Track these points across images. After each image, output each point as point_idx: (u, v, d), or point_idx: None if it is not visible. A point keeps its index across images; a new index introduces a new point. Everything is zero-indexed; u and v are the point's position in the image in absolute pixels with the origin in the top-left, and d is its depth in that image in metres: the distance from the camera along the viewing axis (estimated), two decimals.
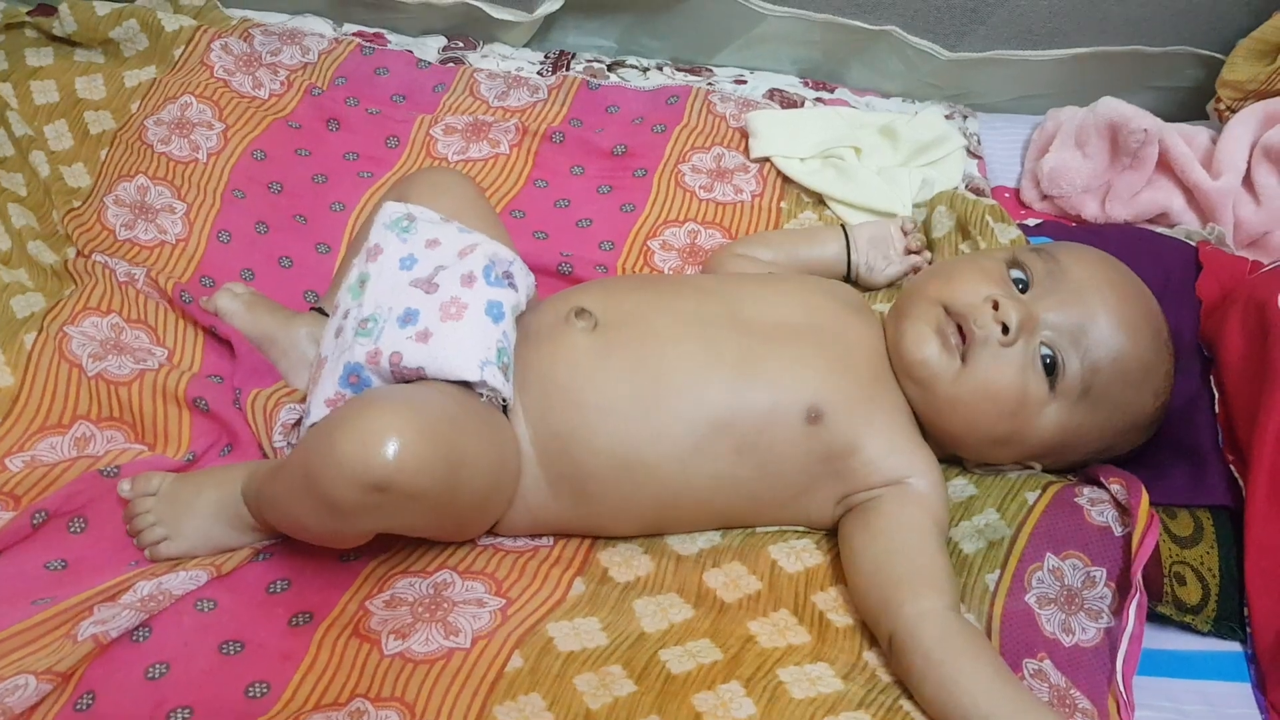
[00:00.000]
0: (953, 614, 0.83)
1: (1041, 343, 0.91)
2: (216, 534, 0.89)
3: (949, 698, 0.78)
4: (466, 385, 0.88)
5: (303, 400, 0.99)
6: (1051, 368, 0.91)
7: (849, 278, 1.16)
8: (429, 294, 0.90)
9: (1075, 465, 0.98)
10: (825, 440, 0.90)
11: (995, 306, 0.91)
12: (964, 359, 0.92)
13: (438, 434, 0.78)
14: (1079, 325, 0.91)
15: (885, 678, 0.83)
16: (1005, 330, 0.91)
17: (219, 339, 1.06)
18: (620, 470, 0.89)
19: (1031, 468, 0.97)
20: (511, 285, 0.93)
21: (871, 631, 0.86)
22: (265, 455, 0.97)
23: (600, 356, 0.91)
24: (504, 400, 0.89)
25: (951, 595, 0.85)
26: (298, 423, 0.98)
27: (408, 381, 0.89)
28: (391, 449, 0.75)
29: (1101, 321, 0.91)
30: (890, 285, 1.16)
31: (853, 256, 1.15)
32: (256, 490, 0.87)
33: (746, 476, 0.91)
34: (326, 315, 1.04)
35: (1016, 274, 0.95)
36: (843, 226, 1.19)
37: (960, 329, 0.93)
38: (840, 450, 0.91)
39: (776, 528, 0.95)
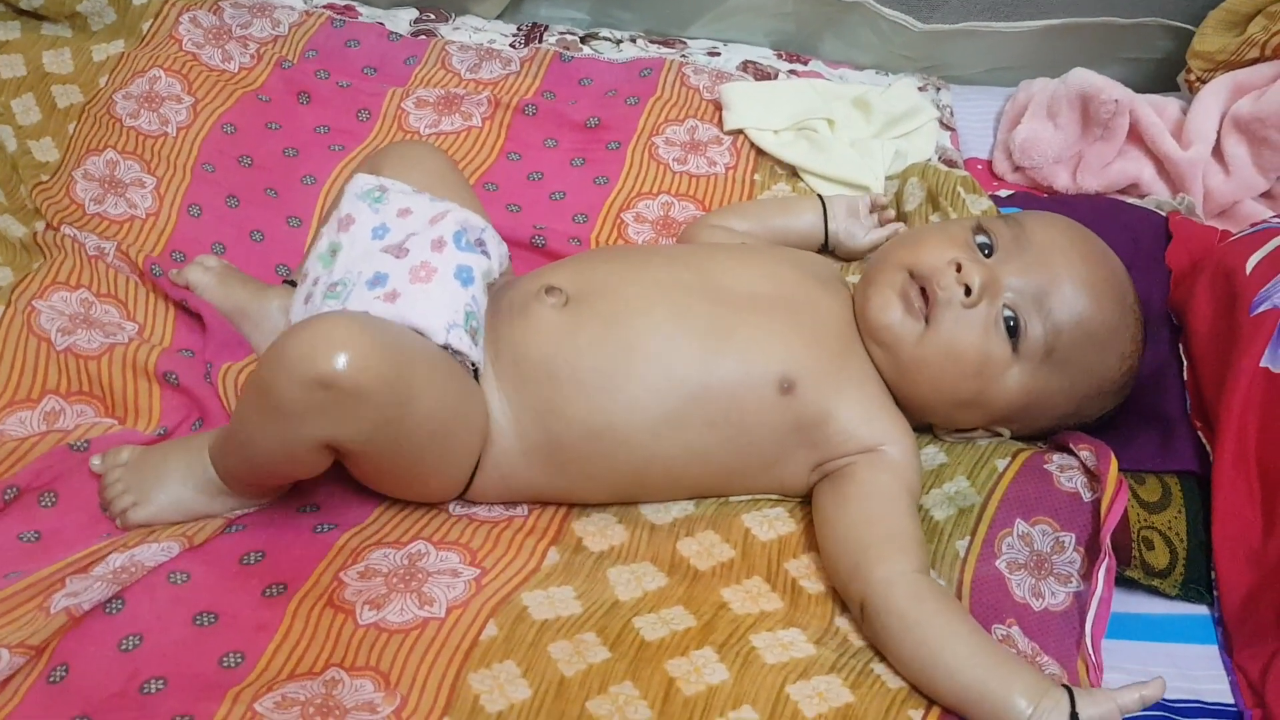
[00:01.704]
0: (922, 576, 0.84)
1: (1004, 305, 0.92)
2: (185, 499, 0.89)
3: (927, 657, 0.79)
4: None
5: None
6: (1014, 330, 0.92)
7: (826, 247, 1.16)
8: (399, 259, 0.90)
9: (1045, 431, 0.99)
10: (797, 410, 0.91)
11: (959, 269, 0.92)
12: (927, 321, 0.93)
13: (387, 346, 0.80)
14: (1042, 288, 0.92)
15: (857, 642, 0.84)
16: (968, 292, 0.91)
17: (190, 313, 1.05)
18: (593, 440, 0.89)
19: (1000, 434, 0.97)
20: (484, 252, 0.93)
21: (842, 598, 0.87)
22: None
23: (570, 331, 0.91)
24: (473, 364, 0.90)
25: (921, 559, 0.86)
26: None
27: None
28: (337, 346, 0.77)
29: (1065, 285, 0.92)
30: (869, 253, 1.17)
31: (830, 225, 1.16)
32: (219, 442, 0.87)
33: (719, 446, 0.91)
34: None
35: (982, 239, 0.95)
36: (820, 196, 1.19)
37: (924, 292, 0.93)
38: (813, 419, 0.91)
39: (750, 497, 0.95)
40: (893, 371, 0.95)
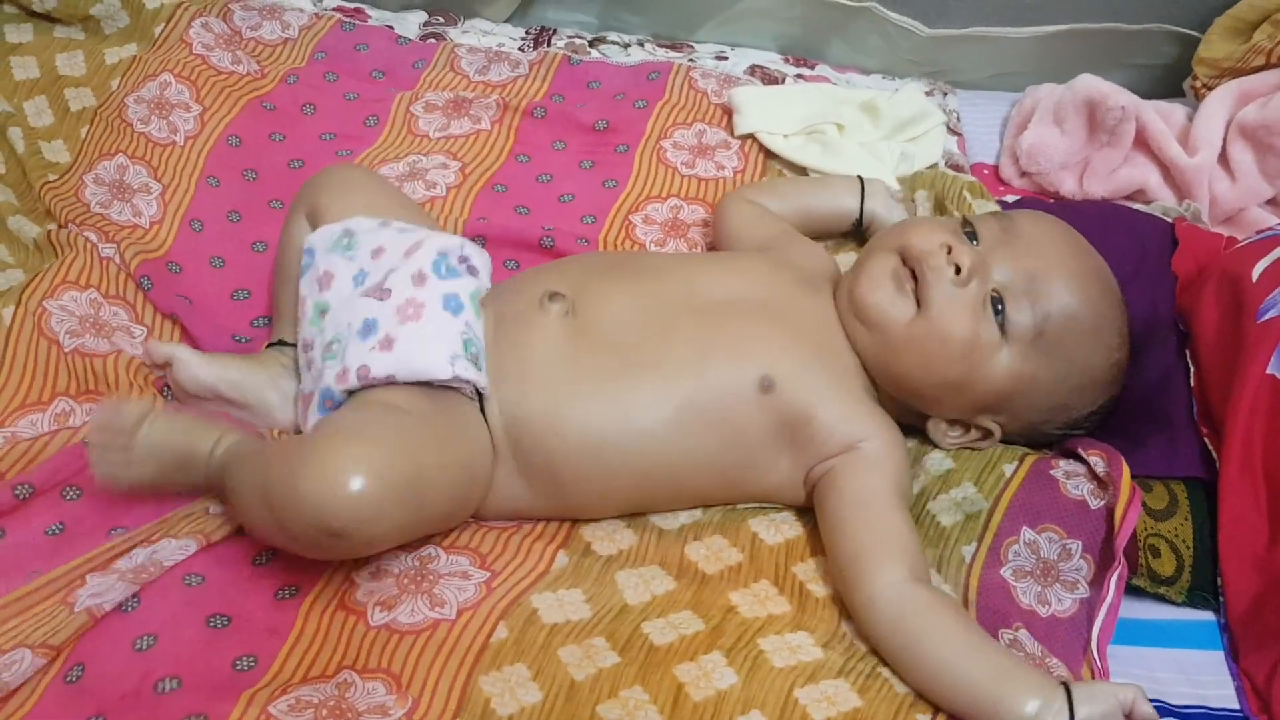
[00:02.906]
0: (908, 586, 0.84)
1: (993, 289, 0.93)
2: (173, 478, 0.89)
3: (923, 675, 0.80)
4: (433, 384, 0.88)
5: None
6: (1002, 311, 0.93)
7: (860, 227, 1.17)
8: (383, 300, 0.90)
9: (1034, 427, 0.98)
10: (779, 409, 0.91)
11: (949, 252, 0.93)
12: (918, 301, 0.94)
13: (400, 473, 0.78)
14: (1029, 274, 0.93)
15: (864, 646, 0.84)
16: (958, 271, 0.93)
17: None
18: (592, 455, 0.90)
19: (989, 431, 0.97)
20: (469, 269, 0.94)
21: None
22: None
23: (571, 341, 0.92)
24: (479, 390, 0.90)
25: (912, 562, 0.86)
26: None
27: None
28: (350, 498, 0.75)
29: (1052, 273, 0.94)
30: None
31: (868, 204, 1.16)
32: (224, 474, 0.87)
33: (713, 452, 0.92)
34: (286, 344, 1.01)
35: (968, 230, 0.97)
36: (859, 177, 1.19)
37: (914, 275, 0.95)
38: (795, 418, 0.92)
39: (755, 505, 0.96)
40: (880, 353, 0.95)
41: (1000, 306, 0.93)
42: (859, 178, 1.19)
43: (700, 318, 0.94)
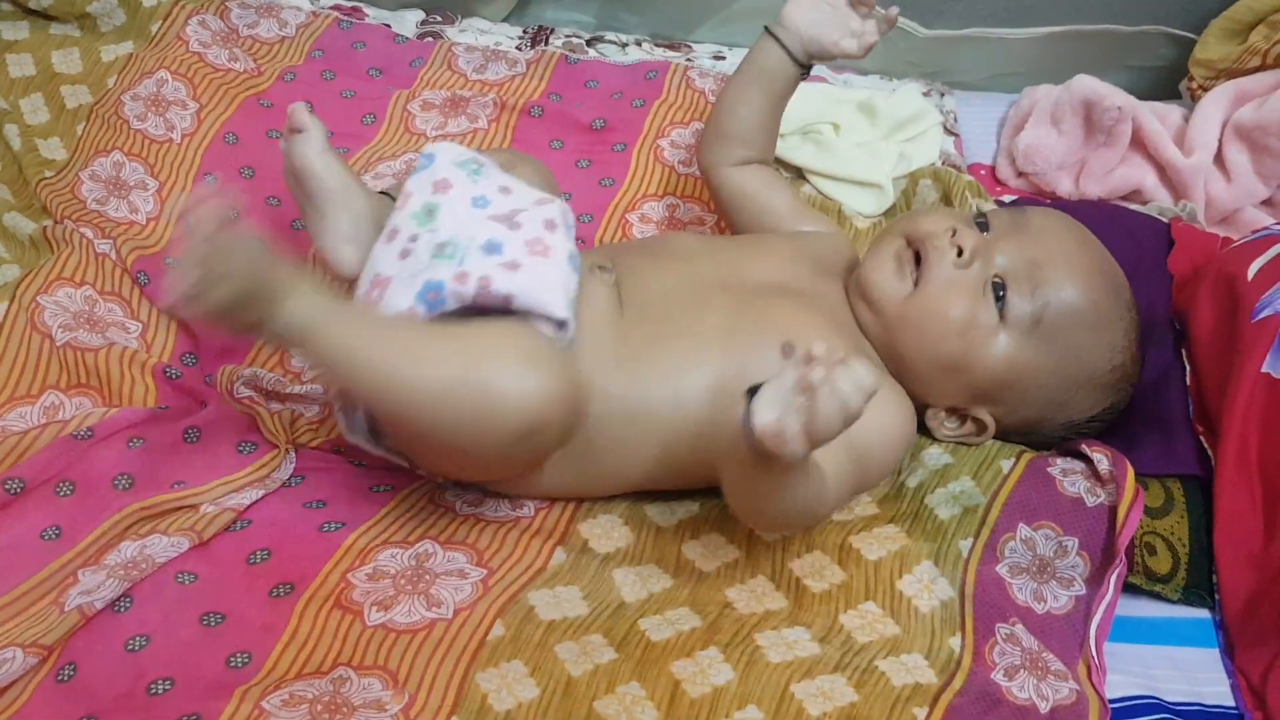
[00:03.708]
0: None
1: (995, 273, 0.93)
2: (237, 314, 0.78)
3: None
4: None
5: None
6: (1002, 297, 0.93)
7: (807, 68, 1.09)
8: (512, 230, 0.89)
9: (1033, 425, 0.98)
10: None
11: (954, 235, 0.94)
12: (917, 282, 0.95)
13: (560, 367, 0.83)
14: (1034, 261, 0.94)
15: (861, 640, 0.84)
16: (960, 254, 0.94)
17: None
18: (629, 419, 0.90)
19: (984, 424, 0.97)
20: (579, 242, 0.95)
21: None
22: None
23: (618, 308, 0.94)
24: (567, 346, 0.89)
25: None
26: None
27: (484, 311, 0.86)
28: (533, 393, 0.79)
29: (1057, 261, 0.94)
30: (864, 54, 1.08)
31: (784, 40, 1.07)
32: (374, 352, 0.80)
33: (732, 425, 0.91)
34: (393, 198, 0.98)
35: (980, 221, 0.98)
36: (766, 27, 1.09)
37: (917, 257, 0.96)
38: None
39: None
40: (880, 334, 0.96)
41: (1001, 292, 0.93)
42: (766, 27, 1.09)
43: (730, 295, 0.96)
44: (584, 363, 0.89)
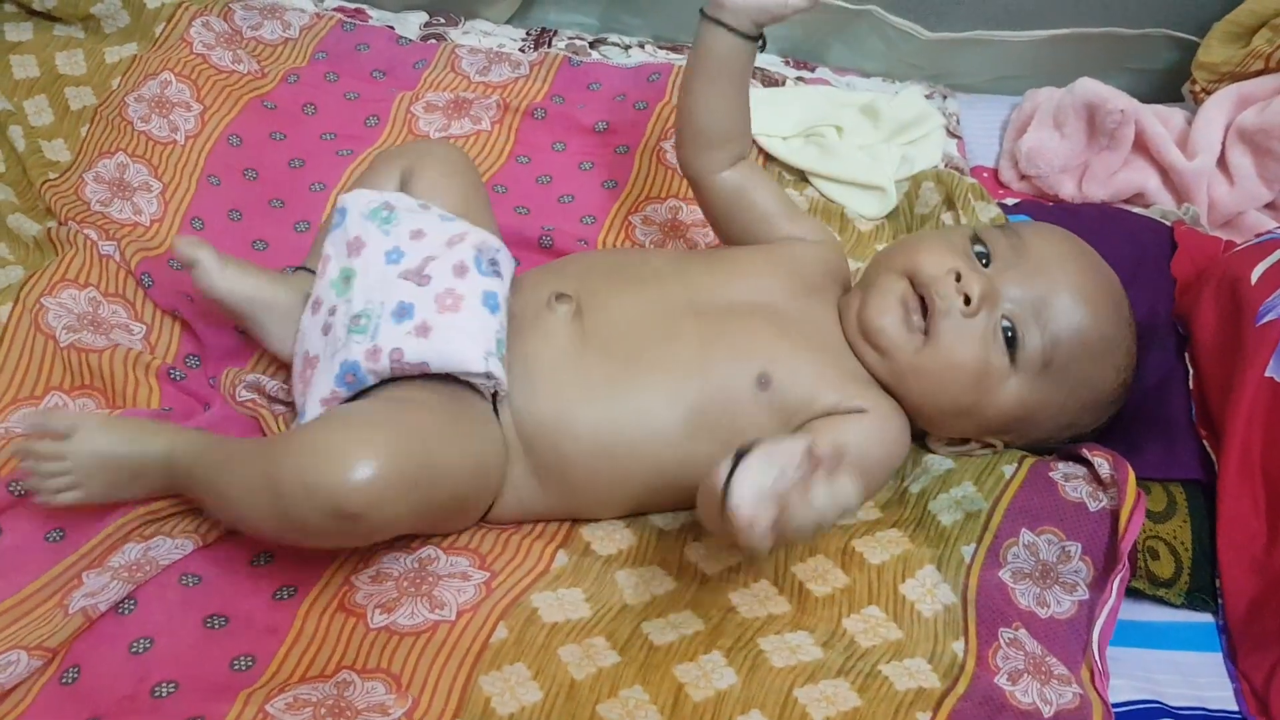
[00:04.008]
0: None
1: (1003, 315, 0.92)
2: (127, 491, 0.87)
3: None
4: (453, 380, 0.88)
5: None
6: (1012, 341, 0.92)
7: (760, 38, 1.02)
8: (421, 286, 0.89)
9: (1039, 442, 0.99)
10: (778, 405, 0.91)
11: (958, 279, 0.92)
12: (926, 331, 0.93)
13: (411, 457, 0.78)
14: (1040, 298, 0.93)
15: (864, 645, 0.84)
16: (967, 301, 0.92)
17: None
18: (605, 456, 0.90)
19: (993, 445, 0.97)
20: (497, 273, 0.93)
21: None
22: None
23: (579, 343, 0.92)
24: (500, 391, 0.89)
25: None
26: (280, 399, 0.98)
27: (407, 378, 0.88)
28: (363, 478, 0.74)
29: (1063, 295, 0.93)
30: (812, 4, 1.00)
31: (727, 20, 0.99)
32: (202, 474, 0.85)
33: (714, 453, 0.90)
34: (312, 272, 1.00)
35: (979, 249, 0.96)
36: (702, 11, 1.01)
37: (923, 301, 0.94)
38: (795, 407, 0.91)
39: None
40: (889, 378, 0.95)
41: (1010, 334, 0.92)
42: (701, 14, 1.01)
43: (701, 320, 0.94)
44: (541, 404, 0.89)
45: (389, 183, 1.03)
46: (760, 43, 1.02)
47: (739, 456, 0.71)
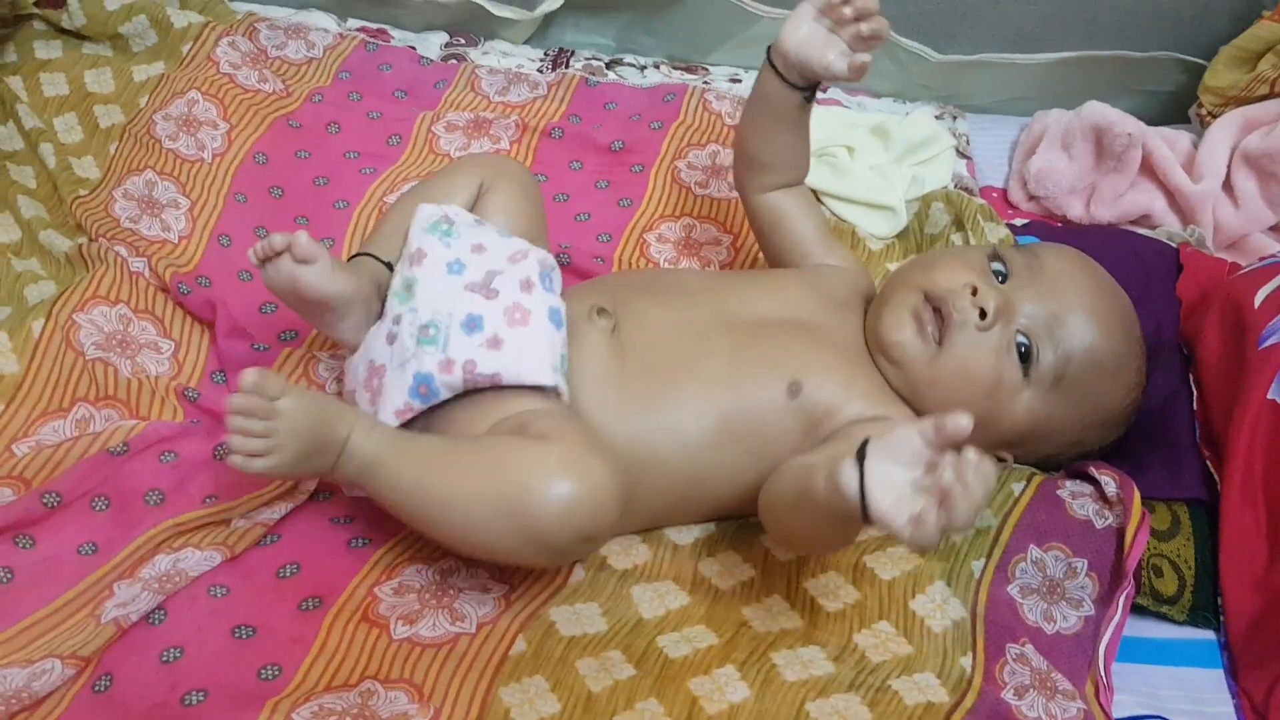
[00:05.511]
0: None
1: (1017, 330, 0.94)
2: (307, 465, 0.84)
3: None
4: (517, 394, 0.88)
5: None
6: (1026, 355, 0.93)
7: (809, 90, 1.03)
8: (489, 300, 0.90)
9: (1049, 459, 1.00)
10: (807, 409, 0.92)
11: (974, 293, 0.94)
12: (940, 342, 0.94)
13: (619, 475, 0.81)
14: (1054, 315, 0.94)
15: (875, 660, 0.85)
16: (983, 315, 0.93)
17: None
18: (639, 467, 0.90)
19: (1003, 459, 0.98)
20: (558, 291, 0.94)
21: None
22: None
23: (619, 357, 0.94)
24: (564, 402, 0.90)
25: None
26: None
27: (478, 389, 0.88)
28: (608, 509, 0.79)
29: (1076, 314, 0.94)
30: (857, 75, 0.98)
31: (777, 65, 1.01)
32: (394, 472, 0.83)
33: (743, 464, 0.93)
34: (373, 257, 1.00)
35: (997, 266, 0.97)
36: (768, 50, 1.03)
37: (939, 314, 0.95)
38: (822, 414, 0.92)
39: None
40: (905, 389, 0.96)
41: (1025, 349, 0.93)
42: (766, 53, 1.02)
43: (733, 335, 0.96)
44: (585, 415, 0.91)
45: (466, 190, 1.04)
46: (809, 94, 1.03)
47: (860, 459, 0.71)
